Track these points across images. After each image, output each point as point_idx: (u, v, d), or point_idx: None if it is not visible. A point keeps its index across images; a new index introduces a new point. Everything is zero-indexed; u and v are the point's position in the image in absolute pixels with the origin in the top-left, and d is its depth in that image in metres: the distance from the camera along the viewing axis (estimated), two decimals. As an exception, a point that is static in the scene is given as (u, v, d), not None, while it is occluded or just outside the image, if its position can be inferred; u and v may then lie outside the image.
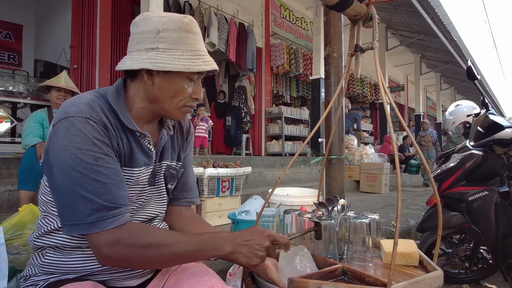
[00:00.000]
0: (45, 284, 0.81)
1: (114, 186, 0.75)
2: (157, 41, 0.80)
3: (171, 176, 0.98)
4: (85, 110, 0.76)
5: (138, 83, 0.85)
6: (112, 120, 0.81)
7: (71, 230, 0.73)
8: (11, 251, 1.20)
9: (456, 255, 2.10)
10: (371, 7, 1.15)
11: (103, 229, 0.72)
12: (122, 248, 0.73)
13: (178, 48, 0.81)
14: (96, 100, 0.80)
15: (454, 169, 1.97)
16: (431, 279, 0.88)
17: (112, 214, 0.73)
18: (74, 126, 0.73)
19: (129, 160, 0.85)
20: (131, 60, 0.82)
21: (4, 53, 7.43)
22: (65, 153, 0.72)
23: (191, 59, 0.81)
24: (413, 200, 4.82)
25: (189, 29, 0.82)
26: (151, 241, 0.75)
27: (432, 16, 8.15)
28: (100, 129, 0.76)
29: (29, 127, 2.62)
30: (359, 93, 10.81)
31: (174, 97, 0.84)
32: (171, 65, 0.79)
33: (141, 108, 0.87)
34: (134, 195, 0.88)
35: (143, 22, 0.82)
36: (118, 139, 0.82)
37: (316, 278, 0.87)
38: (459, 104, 2.66)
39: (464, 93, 16.79)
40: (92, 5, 4.90)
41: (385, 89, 1.00)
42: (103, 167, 0.74)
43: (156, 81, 0.82)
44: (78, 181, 0.72)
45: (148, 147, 0.89)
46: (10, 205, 2.64)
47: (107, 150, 0.77)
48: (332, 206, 1.19)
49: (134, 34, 0.84)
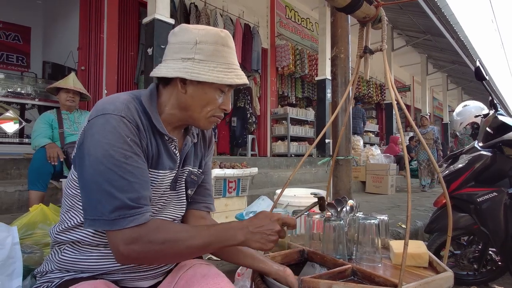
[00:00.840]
0: (60, 281, 0.83)
1: (139, 186, 0.78)
2: (194, 52, 0.83)
3: (192, 182, 1.01)
4: (121, 108, 0.79)
5: (171, 90, 0.89)
6: (144, 122, 0.84)
7: (92, 225, 0.75)
8: (25, 250, 1.23)
9: (464, 256, 2.09)
10: (380, 9, 1.15)
11: (123, 226, 0.74)
12: (139, 246, 0.75)
13: (213, 60, 0.84)
14: (131, 100, 0.84)
15: (462, 170, 1.96)
16: (442, 280, 0.88)
17: (134, 212, 0.75)
18: (109, 123, 0.77)
19: (156, 162, 0.88)
20: (166, 68, 0.85)
21: (12, 55, 7.53)
22: (97, 148, 0.75)
23: (225, 72, 0.85)
24: (420, 202, 4.79)
25: (224, 43, 0.86)
26: (167, 237, 0.77)
27: (438, 16, 8.10)
28: (133, 129, 0.79)
29: (39, 128, 2.65)
30: (365, 94, 10.76)
31: (204, 106, 0.88)
32: (205, 76, 0.83)
33: (170, 114, 0.90)
34: (155, 198, 0.90)
35: (182, 33, 0.86)
36: (148, 141, 0.85)
37: (326, 278, 0.88)
38: (467, 104, 2.65)
39: (472, 94, 16.64)
40: (100, 7, 4.95)
41: (394, 90, 1.00)
42: (131, 166, 0.77)
43: (189, 90, 0.86)
44: (106, 176, 0.74)
45: (174, 152, 0.93)
46: (20, 205, 2.67)
47: (137, 149, 0.80)
48: (341, 206, 1.19)
49: (172, 43, 0.87)
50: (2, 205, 2.61)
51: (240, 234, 0.81)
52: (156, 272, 0.92)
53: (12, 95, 4.95)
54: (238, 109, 7.52)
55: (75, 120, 2.81)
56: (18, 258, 1.07)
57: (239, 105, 7.57)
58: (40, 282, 0.86)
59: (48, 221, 1.61)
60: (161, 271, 0.94)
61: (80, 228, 0.84)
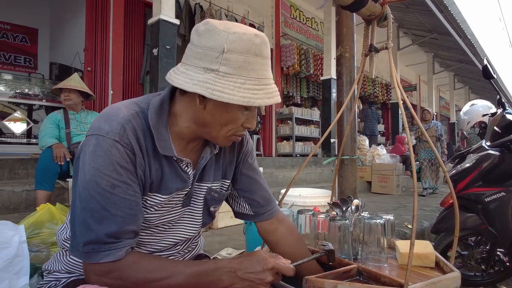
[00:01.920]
0: (67, 281, 0.84)
1: (122, 220, 0.71)
2: (219, 62, 0.69)
3: (212, 199, 0.91)
4: (116, 131, 0.71)
5: (188, 101, 0.77)
6: (144, 144, 0.75)
7: (71, 251, 0.73)
8: (31, 248, 1.24)
9: (472, 257, 2.06)
10: (385, 6, 1.14)
11: (95, 261, 0.69)
12: (110, 280, 0.70)
13: (242, 75, 0.70)
14: (132, 119, 0.74)
15: (470, 169, 1.93)
16: (449, 280, 0.87)
17: (109, 247, 0.69)
18: (100, 146, 0.70)
19: (158, 186, 0.79)
20: (185, 77, 0.71)
21: (20, 56, 7.63)
22: (86, 171, 0.70)
23: (253, 90, 0.71)
24: (426, 202, 4.75)
25: (258, 52, 0.71)
26: (139, 277, 0.71)
27: (445, 14, 8.02)
28: (125, 155, 0.71)
29: (46, 128, 2.69)
30: (371, 93, 10.71)
31: (225, 125, 0.76)
32: (230, 95, 0.69)
33: (185, 127, 0.79)
34: (159, 217, 0.83)
35: (208, 34, 0.70)
36: (145, 167, 0.76)
37: (331, 278, 0.87)
38: (474, 103, 2.62)
39: (479, 93, 16.46)
40: (105, 8, 4.99)
41: (401, 89, 1.00)
42: (117, 197, 0.70)
43: (209, 106, 0.74)
44: (88, 205, 0.69)
45: (185, 170, 0.82)
46: (27, 204, 2.70)
47: (128, 178, 0.72)
48: (346, 206, 1.19)
49: (195, 46, 0.72)
50: (10, 204, 2.65)
51: (226, 279, 0.74)
52: None
53: (20, 96, 5.03)
54: (243, 109, 7.52)
55: (81, 120, 2.84)
56: (25, 257, 1.09)
57: (244, 105, 7.56)
58: (47, 279, 0.87)
59: (55, 221, 1.63)
60: None
61: None
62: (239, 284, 0.74)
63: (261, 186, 0.99)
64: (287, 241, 0.99)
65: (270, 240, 1.01)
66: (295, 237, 1.02)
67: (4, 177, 3.05)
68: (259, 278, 0.74)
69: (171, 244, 0.89)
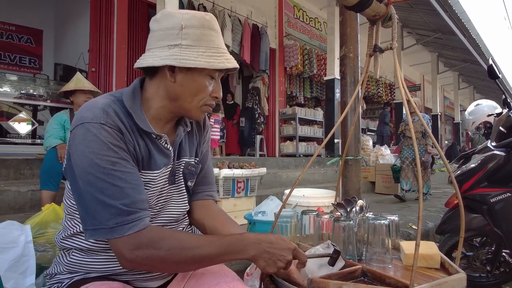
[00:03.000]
0: (70, 282, 0.84)
1: (132, 190, 0.75)
2: (180, 37, 0.79)
3: (190, 173, 0.97)
4: (99, 115, 0.75)
5: (158, 82, 0.84)
6: (128, 124, 0.80)
7: (93, 235, 0.74)
8: (37, 248, 1.25)
9: (477, 258, 2.05)
10: (390, 6, 1.14)
11: (123, 234, 0.72)
12: (143, 252, 0.73)
13: (201, 45, 0.80)
14: (110, 104, 0.79)
15: (475, 170, 1.92)
16: (454, 282, 0.87)
17: (132, 219, 0.73)
18: (89, 132, 0.73)
19: (148, 163, 0.85)
20: (152, 57, 0.80)
21: (25, 57, 7.69)
22: (83, 159, 0.73)
23: (214, 56, 0.81)
24: (431, 202, 4.72)
25: (211, 26, 0.82)
26: (173, 244, 0.75)
27: (449, 13, 7.98)
28: (115, 134, 0.76)
29: (51, 129, 2.70)
30: (374, 93, 10.67)
31: (195, 95, 0.83)
32: (195, 61, 0.78)
33: (160, 107, 0.86)
34: (153, 197, 0.88)
35: (165, 18, 0.81)
36: (134, 143, 0.81)
37: (336, 278, 0.87)
38: (479, 103, 2.60)
39: (484, 92, 16.35)
40: (110, 9, 5.02)
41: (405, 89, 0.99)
42: (120, 172, 0.74)
43: (178, 78, 0.81)
44: (97, 186, 0.72)
45: (166, 147, 0.88)
46: (33, 204, 2.72)
47: (123, 154, 0.76)
48: (350, 207, 1.18)
49: (155, 30, 0.82)
50: (15, 204, 2.67)
51: (251, 249, 0.78)
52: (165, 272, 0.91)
53: (25, 96, 5.06)
54: (247, 110, 7.53)
55: (86, 121, 2.84)
56: (31, 256, 1.10)
57: (248, 106, 7.58)
58: (50, 283, 0.87)
59: (60, 220, 1.63)
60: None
61: (83, 235, 0.82)
62: (262, 256, 0.78)
63: (210, 166, 1.07)
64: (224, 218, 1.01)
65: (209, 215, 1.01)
66: (230, 218, 1.04)
67: (10, 177, 3.07)
68: (281, 254, 0.78)
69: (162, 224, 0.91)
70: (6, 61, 7.43)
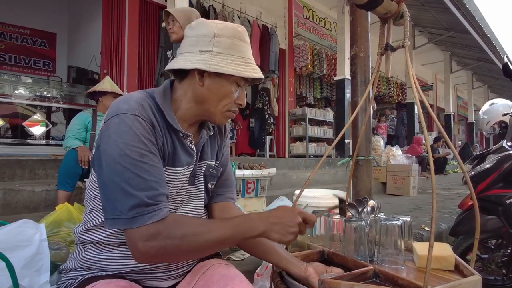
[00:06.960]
0: (82, 278, 0.85)
1: (156, 184, 0.78)
2: (212, 44, 0.84)
3: (211, 175, 1.00)
4: (135, 107, 0.80)
5: (187, 84, 0.88)
6: (159, 119, 0.84)
7: (112, 224, 0.76)
8: (52, 246, 1.27)
9: (492, 261, 2.00)
10: (402, 4, 1.12)
11: (142, 224, 0.74)
12: (158, 242, 0.74)
13: (231, 54, 0.85)
14: (145, 98, 0.84)
15: (490, 170, 1.88)
16: (469, 284, 0.85)
17: (152, 209, 0.75)
18: (124, 122, 0.77)
19: (172, 159, 0.88)
20: (184, 60, 0.85)
21: (39, 60, 7.86)
22: (114, 148, 0.76)
23: (242, 65, 0.85)
24: (444, 203, 4.64)
25: (241, 37, 0.87)
26: (186, 232, 0.77)
27: (462, 11, 7.84)
28: (147, 127, 0.80)
29: (73, 128, 2.68)
30: (385, 93, 10.54)
31: (221, 100, 0.87)
32: (224, 68, 0.83)
33: (186, 109, 0.90)
34: (173, 194, 0.90)
35: (200, 26, 0.86)
36: (163, 138, 0.85)
37: (347, 279, 0.87)
38: (494, 102, 2.54)
39: (499, 92, 15.99)
40: (121, 12, 5.09)
41: (418, 88, 0.98)
42: (147, 164, 0.77)
43: (206, 83, 0.86)
44: (123, 175, 0.75)
45: (190, 147, 0.92)
46: (47, 204, 2.77)
47: (152, 148, 0.80)
48: (362, 207, 1.17)
49: (189, 36, 0.87)
50: (30, 204, 2.72)
51: (260, 225, 0.80)
52: (176, 272, 0.93)
53: (39, 98, 5.17)
54: (256, 110, 7.53)
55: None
56: (46, 254, 1.11)
57: (257, 106, 7.58)
58: (64, 279, 0.89)
59: (73, 220, 1.67)
60: (181, 272, 0.95)
61: (101, 228, 0.85)
62: (273, 228, 0.80)
63: (230, 169, 1.10)
64: None
65: None
66: None
67: (25, 177, 3.13)
68: (290, 221, 0.81)
69: None
70: (21, 64, 7.61)
